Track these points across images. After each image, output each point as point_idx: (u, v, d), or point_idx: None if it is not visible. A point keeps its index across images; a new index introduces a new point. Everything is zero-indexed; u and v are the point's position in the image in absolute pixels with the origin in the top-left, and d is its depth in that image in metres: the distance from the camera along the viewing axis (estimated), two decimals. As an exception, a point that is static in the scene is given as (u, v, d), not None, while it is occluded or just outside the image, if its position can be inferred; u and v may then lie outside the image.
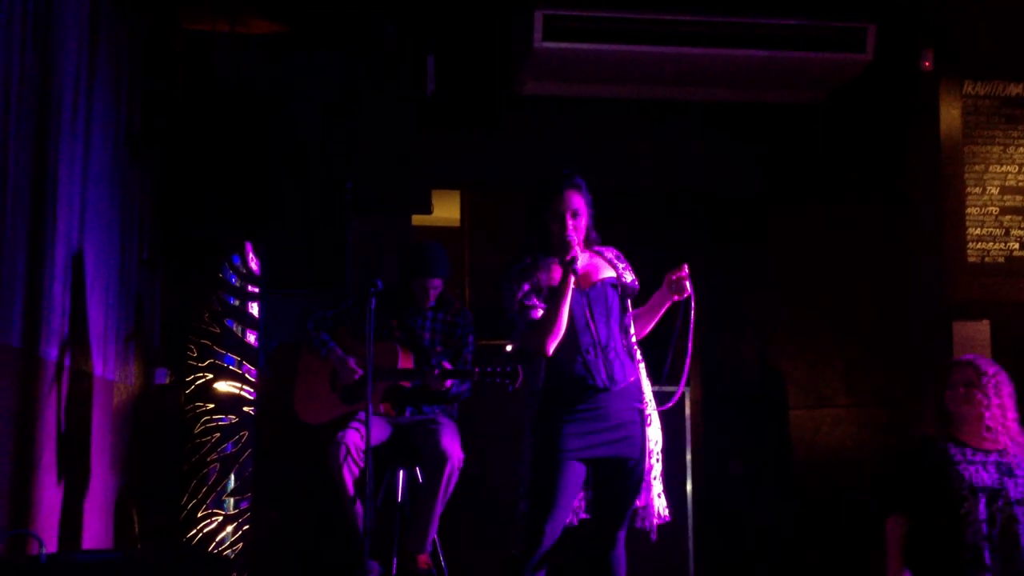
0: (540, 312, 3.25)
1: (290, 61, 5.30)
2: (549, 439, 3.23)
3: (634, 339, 3.40)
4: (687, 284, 3.24)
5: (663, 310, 3.37)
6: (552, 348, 3.22)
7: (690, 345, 3.27)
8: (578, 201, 3.35)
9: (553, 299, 3.23)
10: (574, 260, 3.23)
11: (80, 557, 3.21)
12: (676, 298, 3.29)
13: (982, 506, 3.45)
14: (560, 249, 3.29)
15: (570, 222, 3.31)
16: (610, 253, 3.47)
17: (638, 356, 3.40)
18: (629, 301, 3.43)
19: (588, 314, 3.29)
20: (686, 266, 3.27)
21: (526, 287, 3.30)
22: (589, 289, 3.33)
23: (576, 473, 3.24)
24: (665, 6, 4.78)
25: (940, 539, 3.48)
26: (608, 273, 3.39)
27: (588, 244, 3.42)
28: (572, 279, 3.23)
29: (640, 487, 3.30)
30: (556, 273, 3.29)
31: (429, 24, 5.26)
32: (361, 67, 5.25)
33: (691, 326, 3.26)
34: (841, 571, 5.04)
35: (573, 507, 3.31)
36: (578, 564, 3.34)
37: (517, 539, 3.27)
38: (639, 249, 5.80)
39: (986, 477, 3.49)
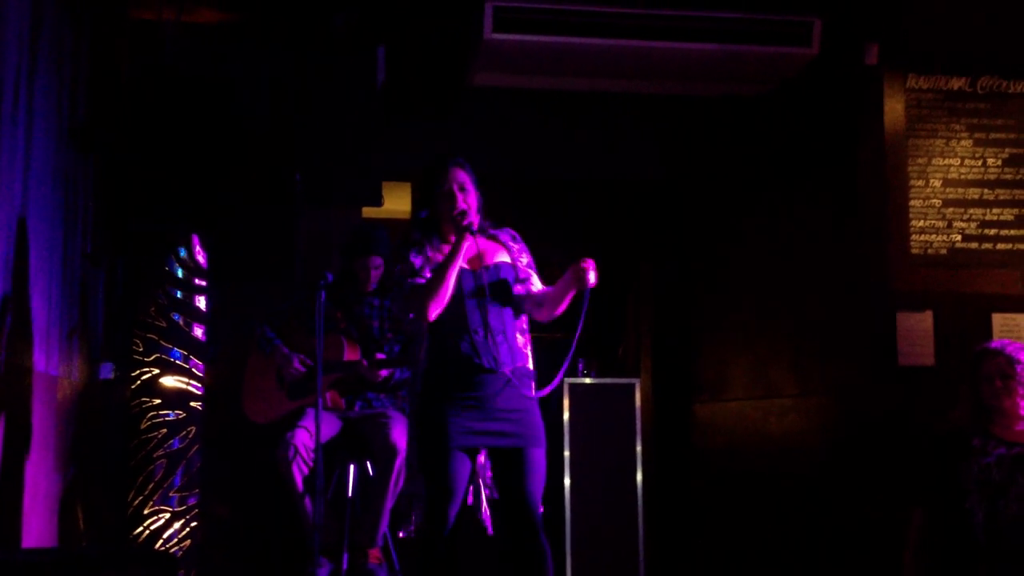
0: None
1: (238, 51, 5.24)
2: (434, 428, 3.21)
3: (526, 325, 3.39)
4: (590, 276, 3.19)
5: (568, 298, 3.30)
6: (434, 313, 3.17)
7: (576, 336, 3.24)
8: (463, 176, 3.35)
9: (443, 262, 3.22)
10: (471, 225, 3.23)
11: (23, 556, 3.17)
12: (577, 288, 3.23)
13: (987, 502, 3.35)
14: (451, 224, 3.28)
15: (459, 195, 3.31)
16: (505, 235, 3.44)
17: (527, 344, 3.38)
18: (532, 282, 3.41)
19: (479, 295, 3.27)
20: (591, 260, 3.22)
21: (418, 258, 3.27)
22: (482, 270, 3.31)
23: (464, 463, 3.23)
24: (614, -1, 4.81)
25: (948, 535, 3.40)
26: (503, 257, 3.37)
27: (482, 230, 3.39)
28: (465, 244, 3.22)
29: (538, 473, 3.28)
30: (446, 250, 3.28)
31: (380, 14, 5.22)
32: (311, 57, 5.21)
33: (582, 317, 3.20)
34: (795, 555, 5.11)
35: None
36: (502, 551, 3.34)
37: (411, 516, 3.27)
38: (583, 239, 5.88)
39: (996, 472, 3.38)
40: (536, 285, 3.41)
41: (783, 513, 5.17)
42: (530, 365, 3.36)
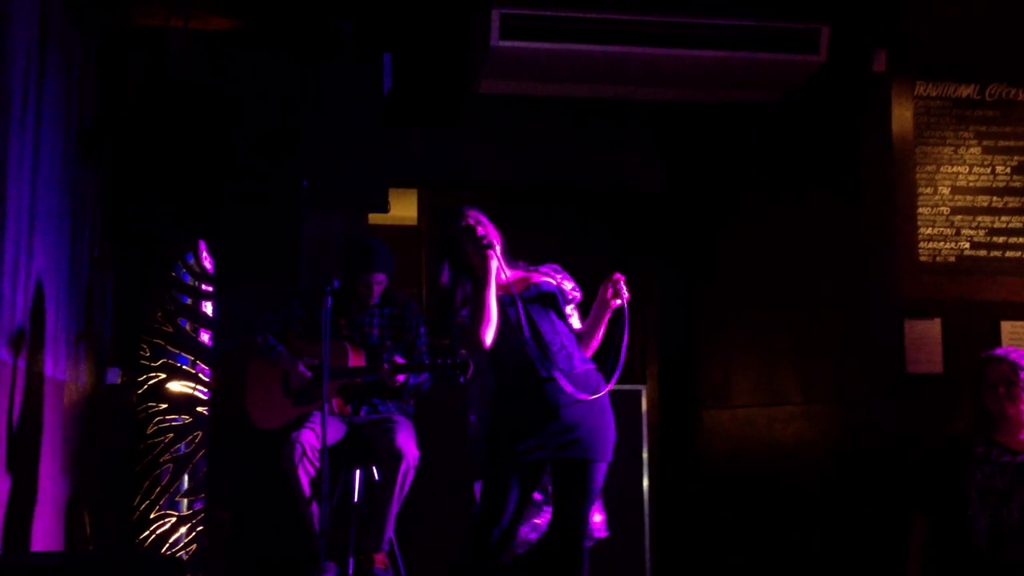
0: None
1: (245, 57, 5.25)
2: (497, 447, 3.24)
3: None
4: (623, 289, 3.26)
5: (606, 318, 3.36)
6: (487, 337, 3.20)
7: (624, 344, 3.27)
8: (479, 215, 3.41)
9: (476, 287, 3.23)
10: (491, 244, 3.26)
11: (30, 559, 3.17)
12: (615, 304, 3.30)
13: (990, 510, 3.36)
14: (476, 251, 3.30)
15: (479, 228, 3.36)
16: (546, 267, 3.50)
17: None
18: (573, 308, 3.44)
19: (526, 316, 3.30)
20: (620, 275, 3.29)
21: (457, 298, 3.31)
22: (524, 292, 3.34)
23: (523, 478, 3.23)
24: (621, 6, 4.80)
25: (952, 542, 3.40)
26: (545, 279, 3.42)
27: (515, 268, 3.44)
28: (492, 263, 3.24)
29: (596, 488, 3.29)
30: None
31: (386, 21, 5.23)
32: (317, 64, 5.22)
33: (626, 327, 3.26)
34: (800, 562, 5.09)
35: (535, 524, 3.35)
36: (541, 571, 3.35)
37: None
38: (590, 247, 5.88)
39: (999, 480, 3.39)
40: (576, 321, 3.43)
41: (789, 519, 5.16)
42: (594, 368, 3.36)
